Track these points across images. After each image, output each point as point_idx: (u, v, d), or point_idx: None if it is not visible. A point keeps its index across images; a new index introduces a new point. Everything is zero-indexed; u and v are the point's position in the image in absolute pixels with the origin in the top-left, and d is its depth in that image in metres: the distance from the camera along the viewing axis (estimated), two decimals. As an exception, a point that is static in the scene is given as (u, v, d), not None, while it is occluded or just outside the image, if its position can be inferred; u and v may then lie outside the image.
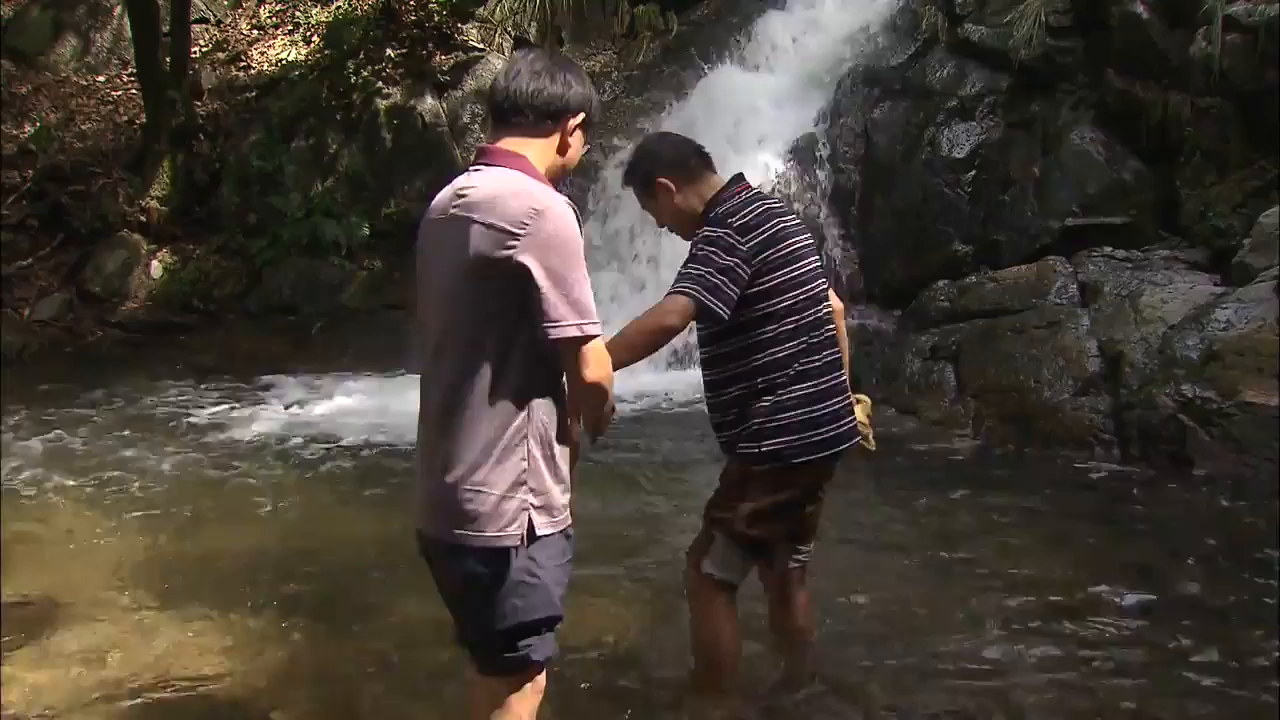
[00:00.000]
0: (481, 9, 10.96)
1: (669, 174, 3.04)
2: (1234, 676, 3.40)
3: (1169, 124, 7.06)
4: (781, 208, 3.10)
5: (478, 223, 2.18)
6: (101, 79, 11.62)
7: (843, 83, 8.74)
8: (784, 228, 2.99)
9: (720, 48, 9.74)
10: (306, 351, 8.87)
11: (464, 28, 10.87)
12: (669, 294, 2.86)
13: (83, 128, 10.93)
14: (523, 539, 2.20)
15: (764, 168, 8.36)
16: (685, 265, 2.88)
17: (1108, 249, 6.90)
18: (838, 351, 3.08)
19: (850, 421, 3.06)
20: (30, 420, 6.92)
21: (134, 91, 11.11)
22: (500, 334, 2.19)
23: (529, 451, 2.21)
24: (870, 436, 3.19)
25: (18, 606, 4.03)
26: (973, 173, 7.84)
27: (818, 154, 8.49)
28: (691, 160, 3.09)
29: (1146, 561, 4.40)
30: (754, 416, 2.95)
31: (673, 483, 5.50)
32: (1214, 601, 3.97)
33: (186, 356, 8.90)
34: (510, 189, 2.21)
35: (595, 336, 2.20)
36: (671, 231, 3.18)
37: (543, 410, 2.24)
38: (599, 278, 7.51)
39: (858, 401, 3.17)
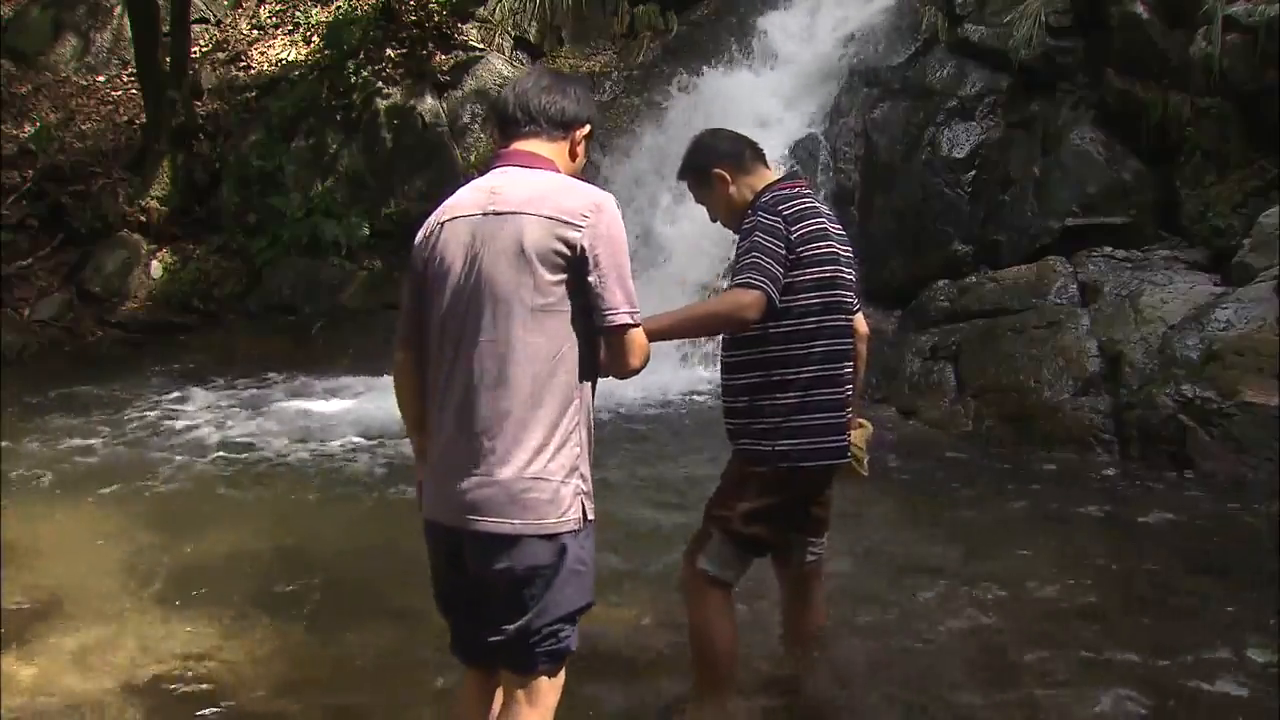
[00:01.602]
0: (481, 9, 10.96)
1: (724, 165, 3.09)
2: (1235, 677, 3.40)
3: (1169, 124, 7.05)
4: (829, 213, 3.10)
5: (533, 215, 2.25)
6: (101, 79, 11.63)
7: (843, 83, 8.75)
8: (826, 230, 3.00)
9: (720, 48, 9.74)
10: (306, 351, 8.87)
11: (464, 28, 10.86)
12: (739, 285, 2.84)
13: (83, 128, 10.94)
14: (580, 524, 2.27)
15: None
16: (748, 254, 2.87)
17: (1108, 249, 6.91)
18: (851, 367, 3.09)
19: (845, 439, 3.06)
20: (30, 420, 6.91)
21: (134, 91, 11.11)
22: (556, 326, 2.25)
23: (582, 438, 2.30)
24: (865, 462, 3.17)
25: (18, 607, 4.03)
26: (973, 173, 7.83)
27: (818, 154, 8.49)
28: (746, 153, 3.13)
29: (1146, 561, 4.40)
30: (764, 414, 2.95)
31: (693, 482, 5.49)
32: (1214, 602, 3.97)
33: (186, 356, 8.90)
34: (559, 185, 2.33)
35: (640, 324, 2.33)
36: (724, 225, 3.18)
37: (589, 396, 2.34)
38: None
39: (859, 425, 3.16)
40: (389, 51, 10.51)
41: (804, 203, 2.99)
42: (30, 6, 11.86)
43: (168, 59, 10.64)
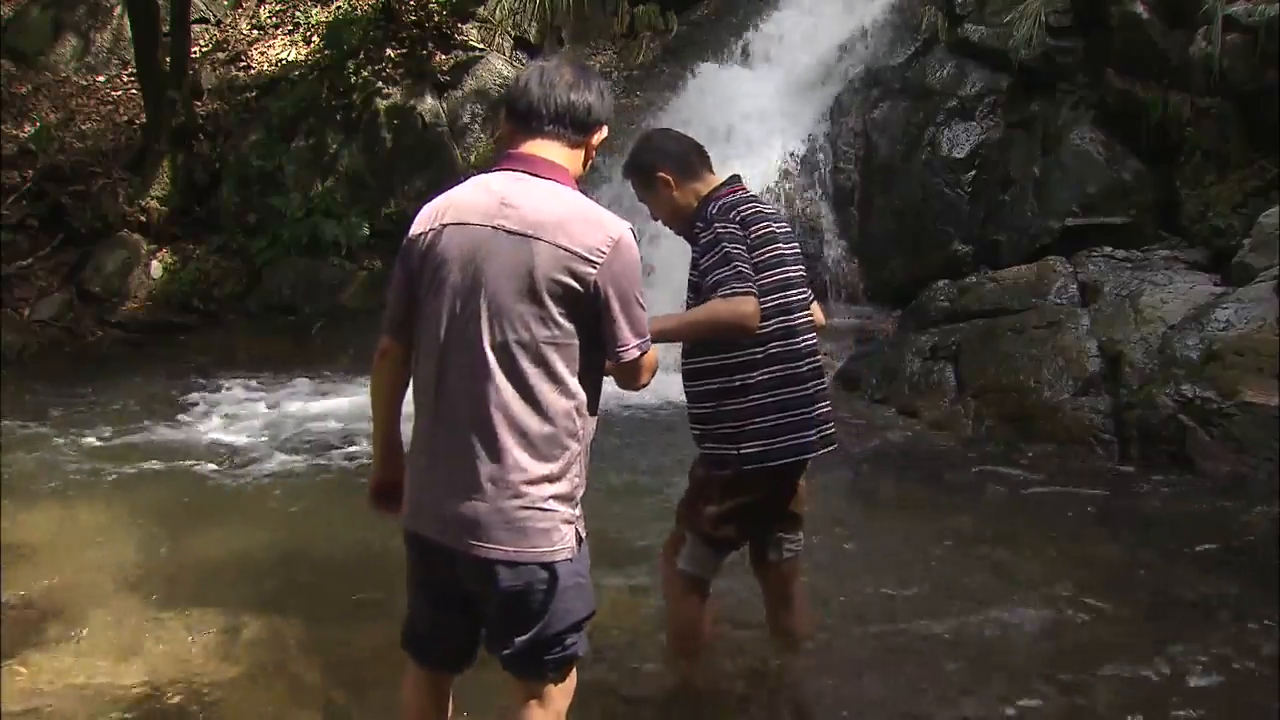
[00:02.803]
0: (481, 9, 10.95)
1: (669, 168, 3.08)
2: (1234, 677, 3.40)
3: (1169, 124, 7.06)
4: (774, 212, 3.15)
5: (545, 243, 2.16)
6: (101, 79, 11.61)
7: (843, 83, 8.75)
8: (775, 232, 3.05)
9: (720, 48, 9.75)
10: (306, 351, 8.86)
11: (464, 28, 10.86)
12: (735, 293, 2.85)
13: (83, 128, 10.92)
14: (573, 551, 2.26)
15: (764, 168, 8.36)
16: (728, 264, 2.88)
17: (1108, 249, 6.91)
18: (819, 360, 3.14)
19: (829, 429, 3.12)
20: (29, 420, 6.91)
21: (134, 91, 11.10)
22: (562, 358, 2.20)
23: (580, 469, 2.28)
24: None
25: (18, 607, 4.03)
26: (973, 173, 7.84)
27: (818, 154, 8.50)
28: (692, 157, 3.13)
29: (1146, 561, 4.41)
30: (728, 418, 3.00)
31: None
32: (1214, 602, 3.97)
33: (186, 356, 8.89)
34: (575, 209, 2.22)
35: (648, 350, 2.30)
36: (665, 225, 3.21)
37: (591, 427, 2.30)
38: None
39: None
40: (389, 51, 10.51)
41: (752, 206, 3.04)
42: (30, 6, 11.85)
43: (168, 59, 10.63)
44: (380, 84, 10.31)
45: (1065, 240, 7.24)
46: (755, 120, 8.80)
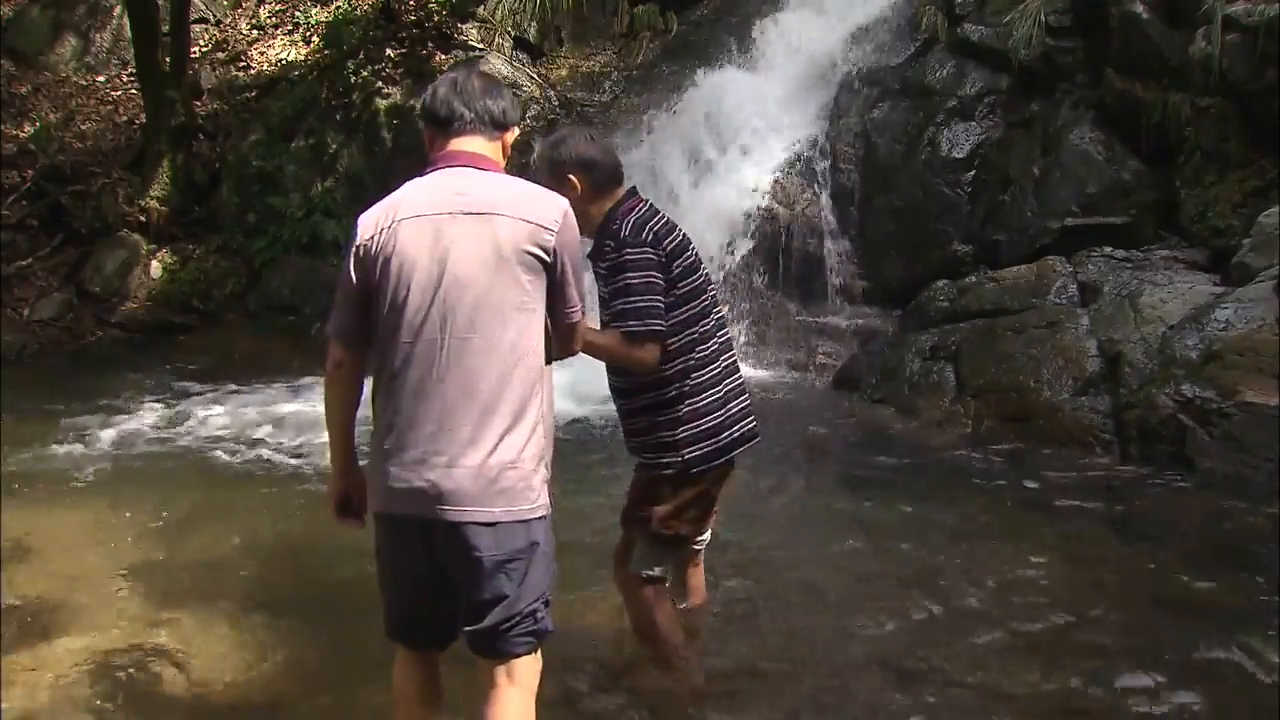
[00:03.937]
0: (481, 9, 10.95)
1: (582, 175, 3.06)
2: (1235, 678, 3.40)
3: (1169, 124, 7.06)
4: (672, 221, 3.17)
5: (508, 218, 2.35)
6: (101, 79, 11.62)
7: (843, 83, 8.75)
8: (683, 240, 3.11)
9: (720, 48, 9.74)
10: (306, 351, 8.86)
11: (464, 28, 10.85)
12: (635, 335, 2.94)
13: (83, 128, 10.92)
14: (547, 510, 2.39)
15: (764, 168, 8.36)
16: (626, 298, 2.94)
17: (1107, 249, 6.92)
18: (733, 356, 3.24)
19: (751, 421, 3.23)
20: (29, 420, 6.91)
21: (134, 91, 11.11)
22: (528, 322, 2.36)
23: (548, 427, 2.41)
24: None
25: (18, 607, 4.03)
26: (973, 173, 7.84)
27: (817, 153, 8.50)
28: (609, 177, 3.12)
29: (1145, 561, 4.41)
30: (659, 430, 3.10)
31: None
32: (1214, 601, 3.97)
33: (186, 356, 8.90)
34: (525, 189, 2.45)
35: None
36: None
37: (549, 388, 2.44)
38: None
39: None
40: (389, 51, 10.51)
41: (659, 220, 3.07)
42: (30, 6, 11.85)
43: (167, 59, 10.63)
44: (380, 84, 10.31)
45: (1065, 240, 7.24)
46: (755, 120, 8.79)
